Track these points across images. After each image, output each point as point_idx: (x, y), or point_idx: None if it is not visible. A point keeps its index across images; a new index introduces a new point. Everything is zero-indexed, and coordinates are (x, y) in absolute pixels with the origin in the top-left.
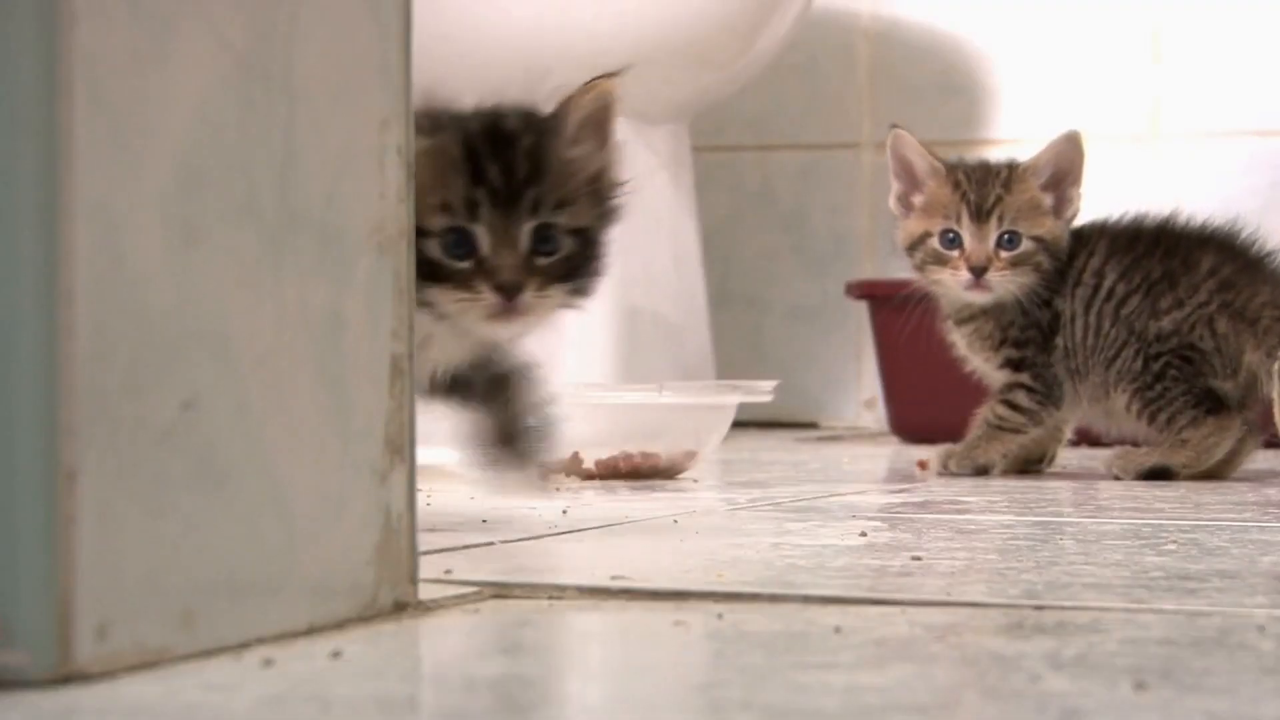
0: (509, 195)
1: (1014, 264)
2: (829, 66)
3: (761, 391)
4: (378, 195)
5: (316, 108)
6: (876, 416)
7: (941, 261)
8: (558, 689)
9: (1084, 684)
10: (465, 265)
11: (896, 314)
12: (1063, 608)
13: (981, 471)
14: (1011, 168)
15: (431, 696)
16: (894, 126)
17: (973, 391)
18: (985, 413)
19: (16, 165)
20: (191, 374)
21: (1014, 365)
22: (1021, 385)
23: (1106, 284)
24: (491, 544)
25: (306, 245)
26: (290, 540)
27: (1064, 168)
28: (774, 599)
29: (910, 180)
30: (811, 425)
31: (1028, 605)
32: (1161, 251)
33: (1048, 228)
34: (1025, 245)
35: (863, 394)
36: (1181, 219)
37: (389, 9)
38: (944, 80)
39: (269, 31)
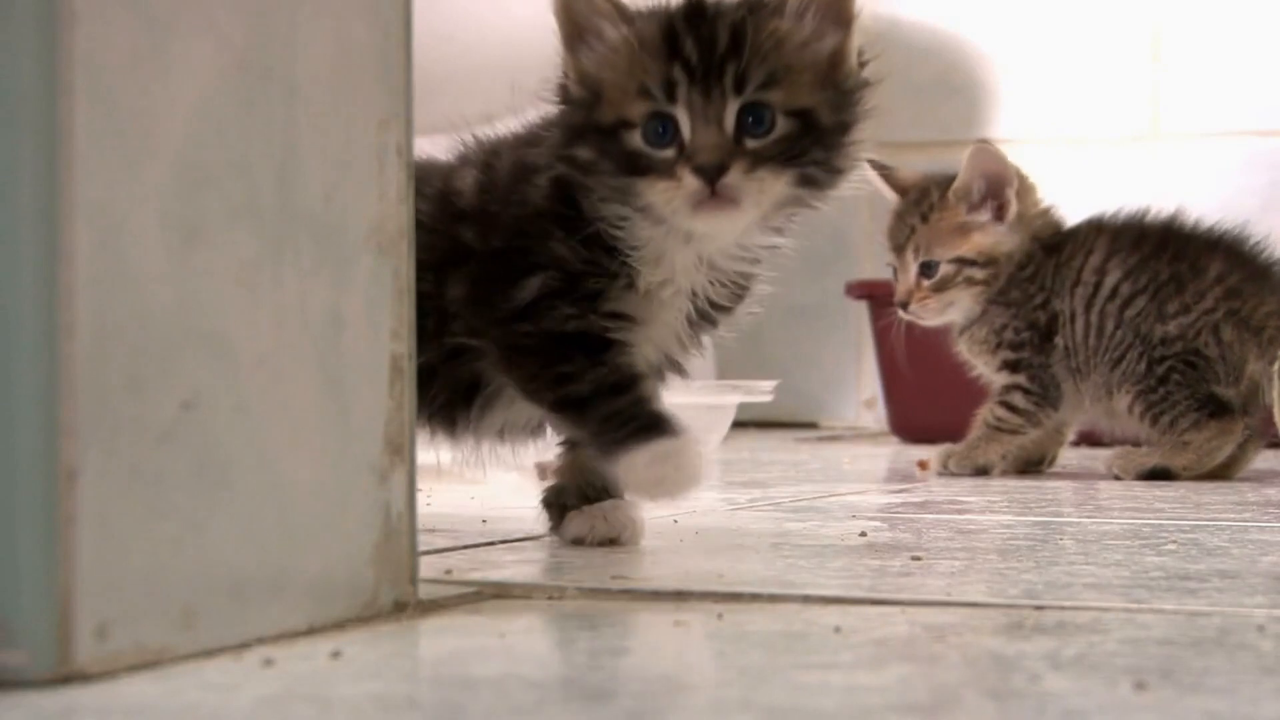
0: (707, 71)
1: (938, 289)
2: None
3: (761, 391)
4: (378, 195)
5: (316, 108)
6: (876, 416)
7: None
8: (557, 689)
9: (1084, 684)
10: (667, 153)
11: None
12: (1063, 608)
13: (981, 472)
14: (942, 191)
15: (431, 696)
16: (867, 159)
17: (972, 392)
18: (984, 414)
19: (16, 165)
20: (191, 374)
21: (1010, 367)
22: (1018, 387)
23: (1109, 283)
24: (491, 544)
25: (306, 245)
26: (290, 540)
27: (991, 176)
28: (774, 599)
29: None
30: (811, 425)
31: (1028, 605)
32: (1170, 254)
33: (972, 244)
34: (944, 270)
35: (863, 394)
36: (1187, 220)
37: (389, 9)
38: (944, 80)
39: (269, 31)
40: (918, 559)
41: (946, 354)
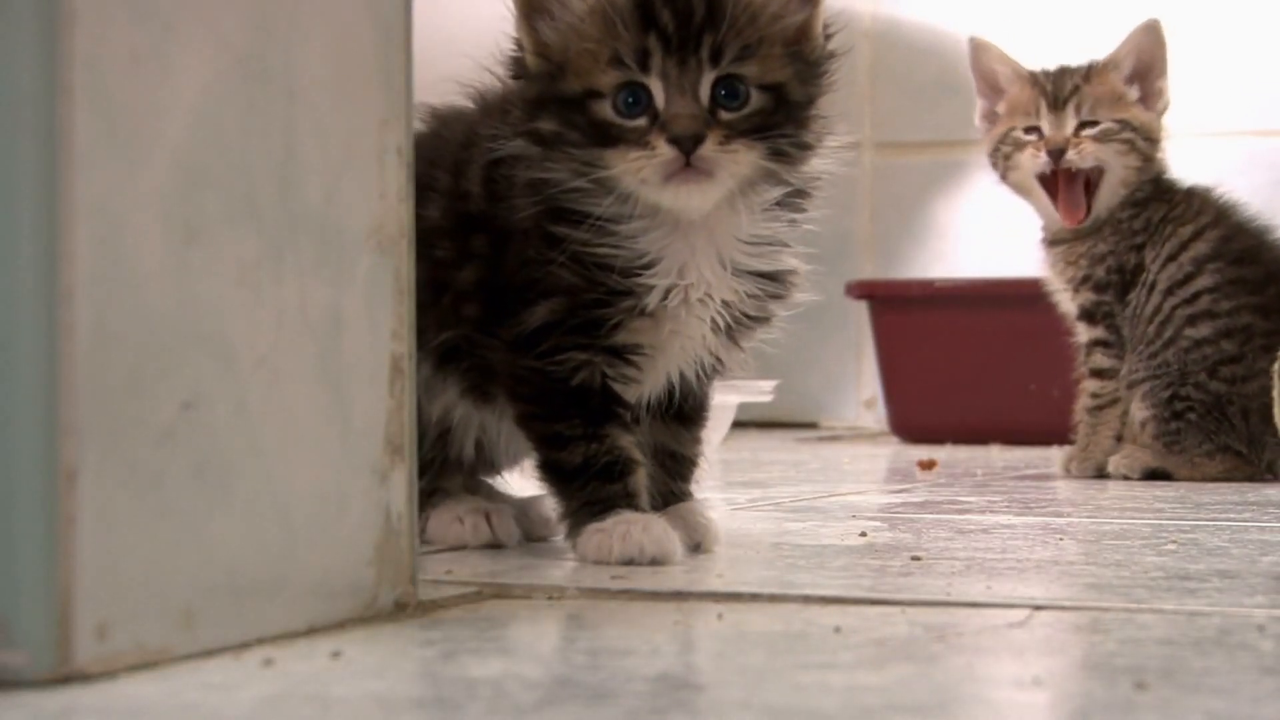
0: (684, 41)
1: (1098, 140)
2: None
3: (761, 391)
4: (378, 195)
5: (316, 108)
6: (876, 416)
7: (1020, 146)
8: (557, 689)
9: (1084, 684)
10: (639, 122)
11: (896, 314)
12: (1063, 608)
13: (1102, 468)
14: (1091, 64)
15: (431, 696)
16: (972, 38)
17: (973, 391)
18: (1079, 405)
19: (16, 165)
20: (191, 374)
21: (1089, 316)
22: (1099, 342)
23: (1197, 284)
24: (491, 544)
25: (306, 245)
26: (290, 540)
27: (1145, 60)
28: (774, 599)
29: (993, 92)
30: (811, 425)
31: (1027, 605)
32: (1268, 295)
33: (1133, 114)
34: (1107, 124)
35: (863, 394)
36: None
37: (389, 9)
38: (944, 80)
39: (269, 31)
40: (918, 559)
41: (947, 354)
